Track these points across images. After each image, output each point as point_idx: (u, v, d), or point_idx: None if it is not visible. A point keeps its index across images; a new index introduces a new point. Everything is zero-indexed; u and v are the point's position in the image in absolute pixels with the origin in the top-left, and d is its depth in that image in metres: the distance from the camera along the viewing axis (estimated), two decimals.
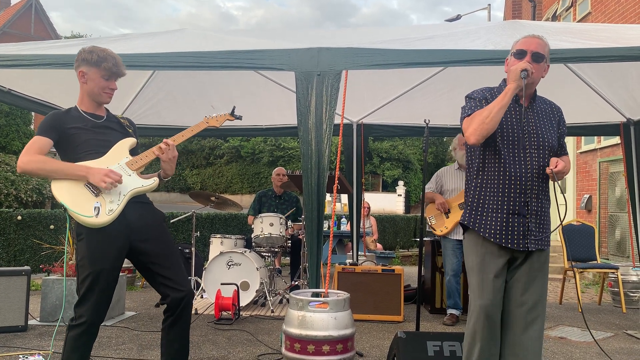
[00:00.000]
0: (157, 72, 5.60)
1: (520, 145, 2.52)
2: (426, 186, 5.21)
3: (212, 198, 5.86)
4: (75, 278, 2.65)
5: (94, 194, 2.56)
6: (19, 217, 7.26)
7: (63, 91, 5.40)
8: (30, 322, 4.54)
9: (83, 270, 2.57)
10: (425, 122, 4.26)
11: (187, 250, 6.88)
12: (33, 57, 3.68)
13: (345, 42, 3.73)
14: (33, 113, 16.61)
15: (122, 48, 3.72)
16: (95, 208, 2.52)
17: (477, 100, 2.59)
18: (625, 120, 6.01)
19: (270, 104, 6.29)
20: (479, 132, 2.45)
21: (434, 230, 5.18)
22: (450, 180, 5.23)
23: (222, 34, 4.56)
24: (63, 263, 4.93)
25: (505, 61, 2.63)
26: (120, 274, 5.27)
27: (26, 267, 4.51)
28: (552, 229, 2.62)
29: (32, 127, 17.30)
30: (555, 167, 2.47)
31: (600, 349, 4.17)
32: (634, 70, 4.82)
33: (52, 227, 7.53)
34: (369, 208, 9.24)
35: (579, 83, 5.27)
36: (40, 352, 3.63)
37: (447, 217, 5.12)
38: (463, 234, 2.70)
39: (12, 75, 4.69)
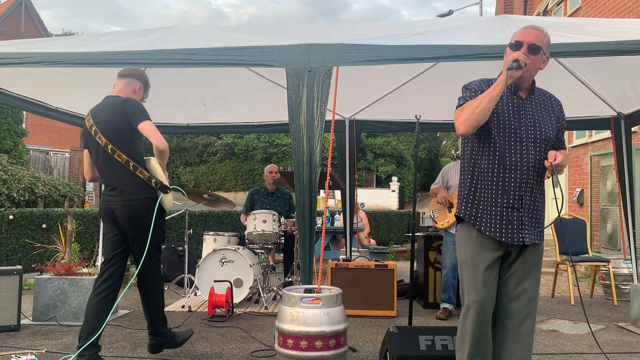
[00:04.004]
0: (148, 69, 5.56)
1: (516, 138, 2.49)
2: (433, 182, 5.31)
3: (205, 195, 5.85)
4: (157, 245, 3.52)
5: None
6: (11, 217, 7.22)
7: (54, 89, 5.37)
8: (23, 321, 4.53)
9: (161, 239, 3.54)
10: (416, 117, 4.26)
11: (180, 248, 6.88)
12: (23, 55, 3.65)
13: (336, 37, 3.72)
14: (24, 112, 16.46)
15: (112, 45, 3.70)
16: None
17: (472, 90, 2.56)
18: (615, 114, 6.05)
19: (262, 101, 6.27)
20: (469, 122, 2.42)
21: (436, 223, 5.22)
22: (456, 176, 5.24)
23: (212, 29, 4.55)
24: (55, 262, 4.91)
25: (504, 53, 2.57)
26: None
27: (18, 267, 4.49)
28: (549, 222, 2.61)
29: (23, 125, 17.08)
30: (555, 159, 2.44)
31: (592, 341, 4.21)
32: (624, 64, 4.84)
33: (44, 226, 7.50)
34: (358, 204, 9.20)
35: (569, 77, 5.29)
36: (33, 351, 3.62)
37: (450, 212, 5.15)
38: (456, 225, 2.68)
39: (1, 74, 4.66)
